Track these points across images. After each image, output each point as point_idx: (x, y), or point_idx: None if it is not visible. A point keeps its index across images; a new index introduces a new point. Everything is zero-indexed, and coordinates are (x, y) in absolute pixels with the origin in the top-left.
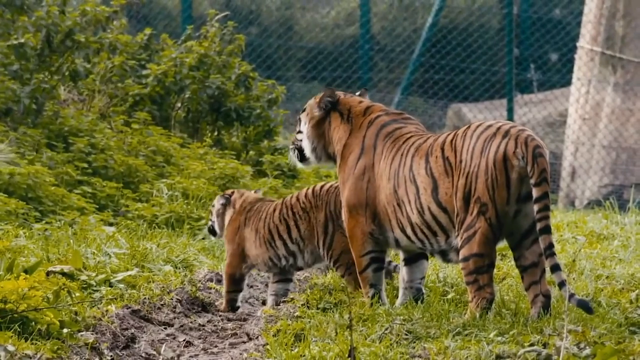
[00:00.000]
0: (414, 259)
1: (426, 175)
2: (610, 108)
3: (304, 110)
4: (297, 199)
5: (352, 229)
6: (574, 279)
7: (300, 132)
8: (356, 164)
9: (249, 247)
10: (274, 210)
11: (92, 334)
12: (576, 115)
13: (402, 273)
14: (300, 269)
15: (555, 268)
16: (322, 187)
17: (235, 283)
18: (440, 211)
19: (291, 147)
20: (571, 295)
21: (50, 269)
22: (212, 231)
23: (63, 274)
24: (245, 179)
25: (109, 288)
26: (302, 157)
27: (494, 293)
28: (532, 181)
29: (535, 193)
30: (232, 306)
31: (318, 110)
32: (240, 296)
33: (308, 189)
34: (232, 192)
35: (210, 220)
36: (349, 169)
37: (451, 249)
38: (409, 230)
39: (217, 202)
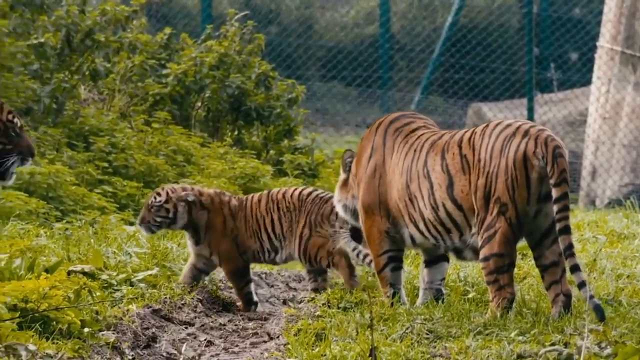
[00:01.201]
0: (434, 260)
1: (441, 172)
2: (631, 107)
3: None
4: (284, 197)
5: (369, 229)
6: (594, 278)
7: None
8: (368, 163)
9: (242, 238)
10: (259, 200)
11: (113, 333)
12: (596, 114)
13: (423, 274)
14: (276, 263)
15: (575, 268)
16: (309, 193)
17: (242, 276)
18: (455, 208)
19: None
20: (591, 297)
21: (71, 268)
22: (156, 226)
23: (84, 273)
24: (266, 178)
25: (130, 287)
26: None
27: (514, 292)
28: (552, 181)
29: (555, 193)
30: (249, 300)
31: (344, 173)
32: (253, 287)
33: (296, 189)
34: (191, 190)
35: (164, 217)
36: (362, 169)
37: (466, 246)
38: (421, 226)
39: (181, 200)
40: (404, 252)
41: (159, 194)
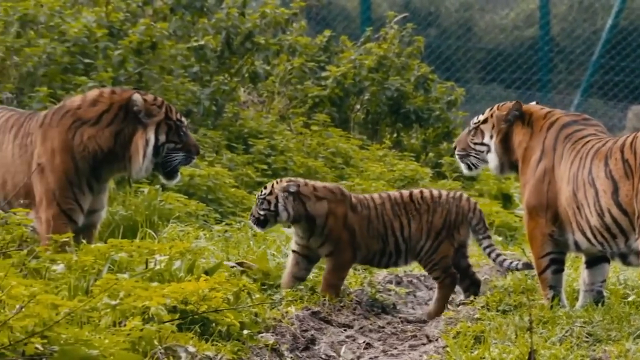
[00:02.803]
0: (595, 261)
1: (606, 178)
2: None
3: (484, 122)
4: (411, 199)
5: (531, 231)
6: None
7: (481, 143)
8: (537, 166)
9: (360, 237)
10: (383, 202)
11: (272, 335)
12: None
13: (583, 276)
14: (392, 267)
15: None
16: (440, 193)
17: (346, 269)
18: (621, 214)
19: (461, 153)
20: None
21: (235, 262)
22: (262, 220)
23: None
24: (425, 180)
25: (289, 289)
26: (471, 166)
27: None
28: None
29: None
30: (338, 291)
31: (504, 124)
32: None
33: (423, 191)
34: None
35: (266, 209)
36: (530, 171)
37: (631, 251)
38: (588, 233)
39: (283, 190)
40: (566, 254)
41: (265, 187)
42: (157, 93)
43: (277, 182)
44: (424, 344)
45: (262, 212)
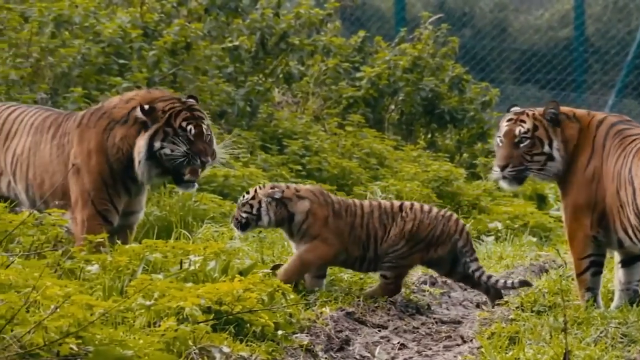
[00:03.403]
0: (631, 261)
1: None
2: None
3: (536, 129)
4: (400, 209)
5: (573, 231)
6: None
7: (541, 153)
8: (587, 165)
9: (345, 239)
10: (372, 211)
11: (306, 336)
12: None
13: (619, 275)
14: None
15: None
16: (431, 209)
17: (327, 264)
18: None
19: (518, 168)
20: None
21: (275, 264)
22: (244, 223)
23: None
24: (459, 181)
25: (323, 290)
26: (523, 180)
27: None
28: None
29: None
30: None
31: (553, 123)
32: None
33: (414, 204)
34: (286, 188)
35: (248, 213)
36: (579, 169)
37: None
38: (630, 232)
39: (267, 196)
40: (605, 256)
41: (248, 192)
42: (191, 93)
43: (260, 188)
44: (458, 345)
45: (244, 215)
